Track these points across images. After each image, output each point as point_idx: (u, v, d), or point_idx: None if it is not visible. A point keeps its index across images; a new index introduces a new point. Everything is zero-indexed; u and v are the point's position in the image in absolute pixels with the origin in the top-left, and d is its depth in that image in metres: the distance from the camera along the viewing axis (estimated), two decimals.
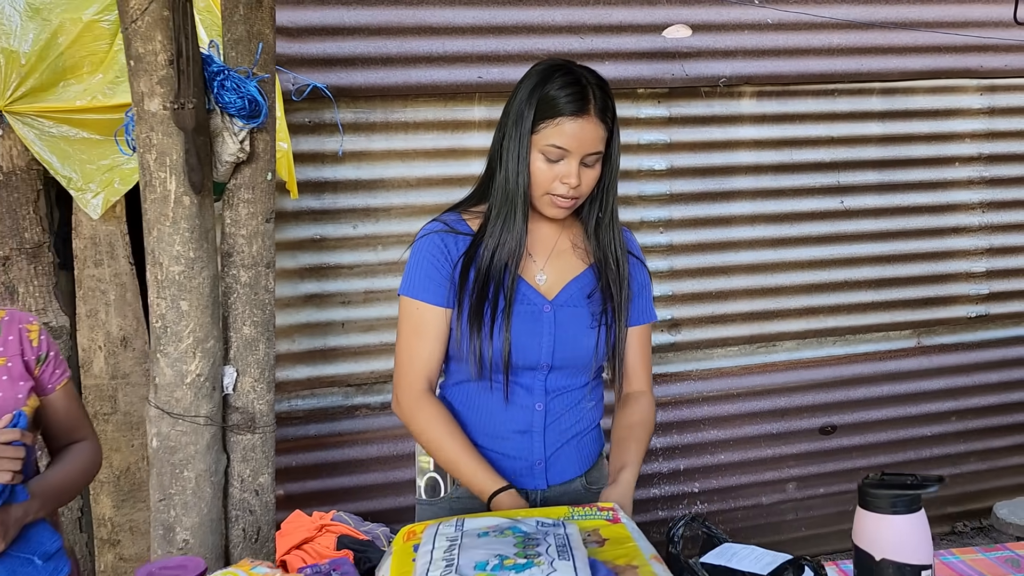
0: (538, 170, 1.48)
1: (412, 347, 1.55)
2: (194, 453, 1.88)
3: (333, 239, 2.87)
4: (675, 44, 3.08)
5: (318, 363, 2.89)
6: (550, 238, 1.59)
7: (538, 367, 1.54)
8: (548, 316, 1.53)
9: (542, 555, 1.09)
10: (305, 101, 2.71)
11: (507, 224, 1.50)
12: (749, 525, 3.34)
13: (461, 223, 1.57)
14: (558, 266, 1.58)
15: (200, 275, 1.85)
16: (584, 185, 1.50)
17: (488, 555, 1.09)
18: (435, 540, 1.18)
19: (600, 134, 1.48)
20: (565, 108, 1.46)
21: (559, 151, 1.46)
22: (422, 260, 1.54)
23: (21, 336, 1.56)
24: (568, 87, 1.46)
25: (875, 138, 3.35)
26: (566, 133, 1.46)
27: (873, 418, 3.45)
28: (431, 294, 1.53)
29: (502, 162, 1.51)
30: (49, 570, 1.50)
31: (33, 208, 2.54)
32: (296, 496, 2.81)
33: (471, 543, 1.15)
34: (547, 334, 1.53)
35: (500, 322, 1.49)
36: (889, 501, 1.21)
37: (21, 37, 2.42)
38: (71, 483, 1.61)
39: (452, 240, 1.54)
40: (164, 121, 1.77)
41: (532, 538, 1.16)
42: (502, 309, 1.50)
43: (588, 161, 1.48)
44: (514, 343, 1.50)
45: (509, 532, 1.18)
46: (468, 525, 1.23)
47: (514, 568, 1.05)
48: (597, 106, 1.47)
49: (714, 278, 3.25)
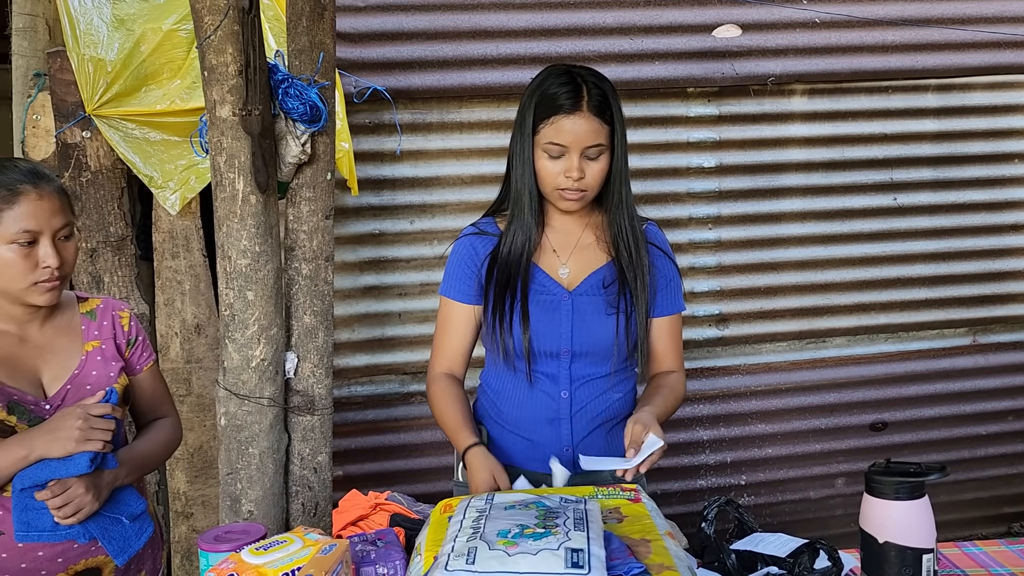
0: (543, 168, 1.59)
1: (439, 339, 1.74)
2: (258, 432, 2.04)
3: (391, 234, 3.02)
4: (725, 44, 3.13)
5: (376, 352, 3.04)
6: (574, 234, 1.69)
7: (560, 354, 1.64)
8: (566, 304, 1.64)
9: (559, 526, 1.20)
10: (366, 103, 2.86)
11: (519, 220, 1.62)
12: (797, 519, 3.37)
13: (492, 225, 1.70)
14: (581, 260, 1.68)
15: (265, 268, 2.00)
16: (590, 178, 1.59)
17: (511, 525, 1.21)
18: (466, 511, 1.30)
19: (595, 128, 1.57)
20: (560, 106, 1.56)
21: (558, 147, 1.57)
22: (454, 262, 1.71)
23: (114, 321, 1.74)
24: (563, 86, 1.57)
25: (930, 135, 3.33)
26: (562, 130, 1.56)
27: (926, 416, 3.44)
28: (459, 292, 1.69)
29: (512, 165, 1.63)
30: (135, 529, 1.68)
31: (117, 204, 2.75)
32: (354, 477, 2.97)
33: (497, 515, 1.27)
34: (565, 321, 1.63)
35: (519, 310, 1.61)
36: (893, 488, 1.28)
37: (107, 46, 2.62)
38: (154, 454, 1.80)
39: (480, 242, 1.67)
40: (233, 126, 1.92)
41: (553, 511, 1.27)
42: (520, 298, 1.62)
43: (590, 154, 1.58)
44: (534, 330, 1.61)
45: (533, 506, 1.30)
46: (497, 500, 1.35)
47: (532, 536, 1.16)
48: (592, 102, 1.56)
49: (763, 274, 3.29)
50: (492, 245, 1.68)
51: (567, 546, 1.13)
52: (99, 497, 1.58)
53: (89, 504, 1.56)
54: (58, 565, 1.58)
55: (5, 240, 1.53)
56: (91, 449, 1.54)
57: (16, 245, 1.53)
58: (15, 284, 1.56)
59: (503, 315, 1.63)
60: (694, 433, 3.27)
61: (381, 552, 1.48)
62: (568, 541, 1.15)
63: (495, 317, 1.64)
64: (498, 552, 1.13)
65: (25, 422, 1.57)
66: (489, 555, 1.13)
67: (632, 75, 3.08)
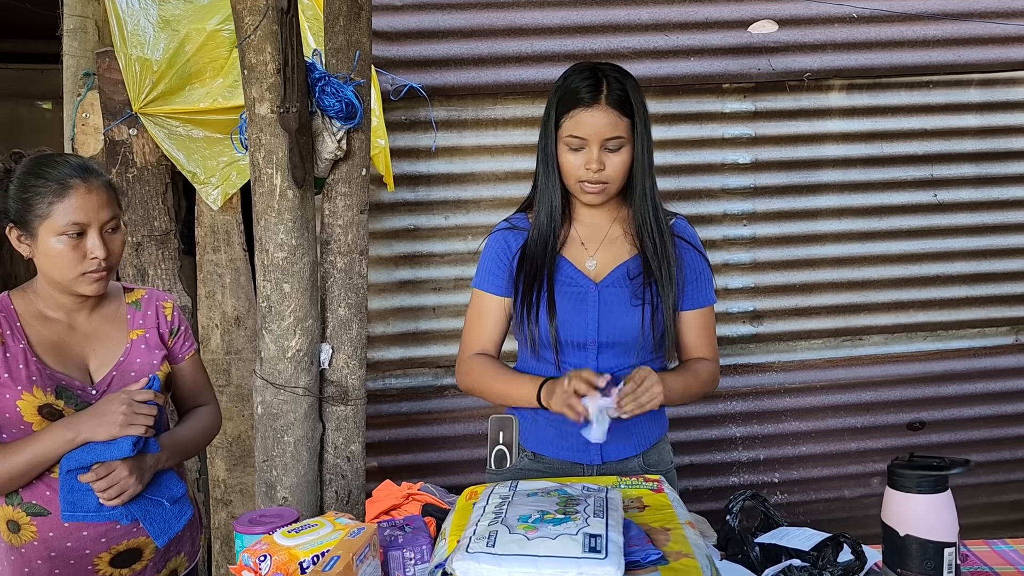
0: (565, 161, 1.63)
1: (471, 329, 1.77)
2: (293, 420, 2.09)
3: (426, 229, 3.06)
4: (761, 39, 3.12)
5: (411, 345, 3.09)
6: (601, 228, 1.72)
7: (587, 344, 1.67)
8: (593, 295, 1.67)
9: (579, 512, 1.23)
10: (402, 100, 2.91)
11: (545, 213, 1.66)
12: (831, 518, 3.34)
13: (524, 220, 1.75)
14: (609, 252, 1.71)
15: (301, 261, 2.06)
16: (610, 170, 1.62)
17: (532, 510, 1.24)
18: (489, 498, 1.34)
19: (614, 120, 1.60)
20: (579, 100, 1.60)
21: (578, 140, 1.61)
22: (487, 256, 1.76)
23: (158, 312, 1.81)
24: (583, 81, 1.61)
25: (972, 131, 3.28)
26: (581, 123, 1.60)
27: (965, 416, 3.38)
28: (492, 284, 1.74)
29: (539, 160, 1.67)
30: (175, 512, 1.73)
31: (162, 200, 2.84)
32: (388, 468, 3.02)
33: (520, 501, 1.30)
34: (592, 311, 1.66)
35: (545, 300, 1.65)
36: (915, 481, 1.28)
37: (154, 46, 2.70)
38: (194, 440, 1.85)
39: (513, 236, 1.73)
40: (272, 123, 1.98)
41: (575, 499, 1.30)
42: (546, 288, 1.65)
43: (610, 146, 1.61)
44: (560, 320, 1.64)
45: (555, 494, 1.32)
46: (521, 487, 1.38)
47: (552, 521, 1.19)
48: (611, 96, 1.60)
49: (798, 271, 3.27)
50: (523, 239, 1.73)
51: (586, 531, 1.16)
52: (142, 480, 1.64)
53: (132, 486, 1.62)
54: (101, 545, 1.65)
55: (55, 232, 1.59)
56: (134, 433, 1.60)
57: (66, 237, 1.60)
58: (65, 274, 1.62)
59: (530, 306, 1.67)
60: (727, 430, 3.26)
61: (408, 537, 1.51)
62: (587, 527, 1.18)
63: (523, 308, 1.68)
64: (518, 536, 1.16)
65: (72, 406, 1.64)
66: (509, 538, 1.16)
67: (667, 71, 3.08)
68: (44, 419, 1.61)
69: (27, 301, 1.68)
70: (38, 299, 1.69)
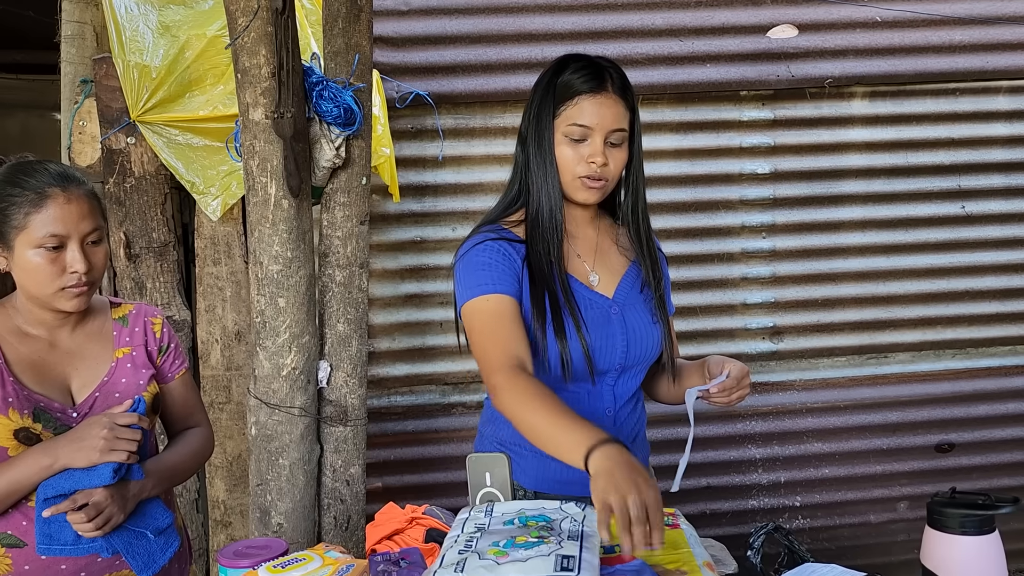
0: (563, 155, 1.48)
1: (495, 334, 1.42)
2: (289, 442, 1.99)
3: (433, 241, 2.96)
4: (780, 45, 3.01)
5: (416, 361, 2.99)
6: (591, 238, 1.60)
7: (611, 371, 1.54)
8: (617, 316, 1.53)
9: (553, 536, 1.15)
10: (408, 108, 2.82)
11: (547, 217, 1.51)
12: (856, 544, 3.21)
13: (507, 231, 1.55)
14: (606, 264, 1.58)
15: (297, 274, 1.96)
16: (612, 166, 1.49)
17: (504, 537, 1.16)
18: (464, 526, 1.26)
19: (620, 111, 1.48)
20: (583, 87, 1.47)
21: (582, 129, 1.47)
22: (483, 263, 1.49)
23: (146, 328, 1.71)
24: (583, 69, 1.49)
25: (1001, 139, 3.16)
26: (586, 111, 1.46)
27: (997, 437, 3.24)
28: (500, 286, 1.46)
29: (529, 159, 1.53)
30: (160, 544, 1.62)
31: (160, 210, 2.76)
32: (393, 488, 2.92)
33: (495, 528, 1.23)
34: (619, 333, 1.53)
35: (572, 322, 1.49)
36: (959, 521, 1.16)
37: (153, 52, 2.63)
38: (183, 465, 1.74)
39: (509, 246, 1.51)
40: (266, 129, 1.88)
41: (551, 523, 1.21)
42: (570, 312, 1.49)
43: (614, 139, 1.48)
44: (594, 346, 1.49)
45: (533, 522, 1.23)
46: (496, 511, 1.29)
47: (524, 545, 1.13)
48: (616, 84, 1.48)
49: (820, 285, 3.15)
50: (522, 252, 1.51)
51: (559, 553, 1.10)
52: (124, 509, 1.54)
53: (114, 516, 1.52)
54: None
55: (32, 244, 1.50)
56: (115, 460, 1.50)
57: (43, 249, 1.51)
58: (43, 289, 1.53)
59: (563, 332, 1.45)
60: (746, 451, 3.13)
61: (403, 573, 1.40)
62: (560, 549, 1.11)
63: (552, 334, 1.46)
64: (488, 561, 1.10)
65: (51, 430, 1.54)
66: (478, 564, 1.10)
67: (682, 78, 2.98)
68: (20, 444, 1.51)
69: (6, 317, 1.59)
70: (17, 315, 1.59)
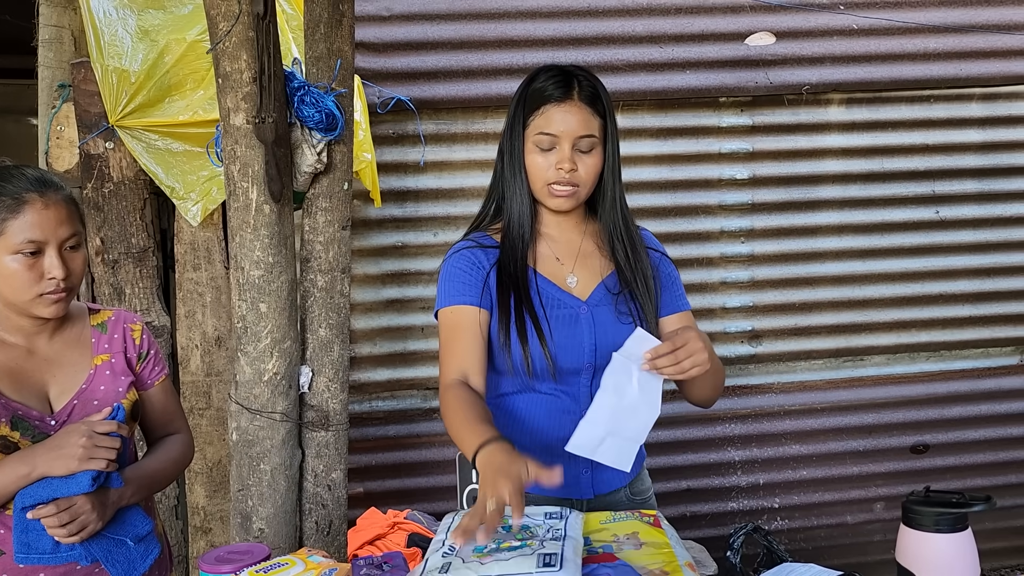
0: (533, 163, 1.52)
1: (449, 350, 1.54)
2: (270, 447, 1.99)
3: (414, 246, 2.96)
4: (758, 52, 3.04)
5: (398, 366, 2.99)
6: (574, 242, 1.61)
7: (582, 370, 1.56)
8: (586, 317, 1.56)
9: (536, 538, 1.18)
10: (389, 113, 2.82)
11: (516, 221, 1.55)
12: (832, 544, 3.24)
13: (486, 238, 1.60)
14: (587, 268, 1.60)
15: (278, 279, 1.96)
16: (582, 171, 1.52)
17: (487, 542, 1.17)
18: (448, 531, 1.25)
19: (587, 118, 1.50)
20: (550, 96, 1.50)
21: (549, 138, 1.50)
22: (453, 273, 1.57)
23: (125, 335, 1.69)
24: (552, 78, 1.52)
25: (974, 146, 3.21)
26: (553, 119, 1.49)
27: (970, 438, 3.29)
28: (465, 296, 1.54)
29: (504, 166, 1.56)
30: (140, 551, 1.61)
31: (140, 216, 2.74)
32: (374, 494, 2.91)
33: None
34: (587, 334, 1.55)
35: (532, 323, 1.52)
36: (933, 519, 1.18)
37: (132, 57, 2.61)
38: (163, 472, 1.73)
39: (482, 253, 1.57)
40: (247, 134, 1.88)
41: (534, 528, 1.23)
42: (541, 316, 1.53)
43: (582, 146, 1.51)
44: (557, 345, 1.53)
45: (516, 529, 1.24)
46: None
47: (508, 549, 1.14)
48: (583, 92, 1.51)
49: (798, 289, 3.18)
50: (494, 257, 1.59)
51: (541, 552, 1.12)
52: (103, 516, 1.53)
53: (92, 523, 1.51)
54: None
55: (10, 250, 1.49)
56: (94, 468, 1.49)
57: (21, 255, 1.50)
58: (20, 296, 1.52)
59: (522, 331, 1.53)
60: (725, 453, 3.16)
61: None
62: (542, 549, 1.14)
63: (511, 333, 1.53)
64: (472, 563, 1.12)
65: (29, 438, 1.53)
66: (463, 567, 1.12)
67: (662, 84, 3.00)
68: None
69: None
70: None
